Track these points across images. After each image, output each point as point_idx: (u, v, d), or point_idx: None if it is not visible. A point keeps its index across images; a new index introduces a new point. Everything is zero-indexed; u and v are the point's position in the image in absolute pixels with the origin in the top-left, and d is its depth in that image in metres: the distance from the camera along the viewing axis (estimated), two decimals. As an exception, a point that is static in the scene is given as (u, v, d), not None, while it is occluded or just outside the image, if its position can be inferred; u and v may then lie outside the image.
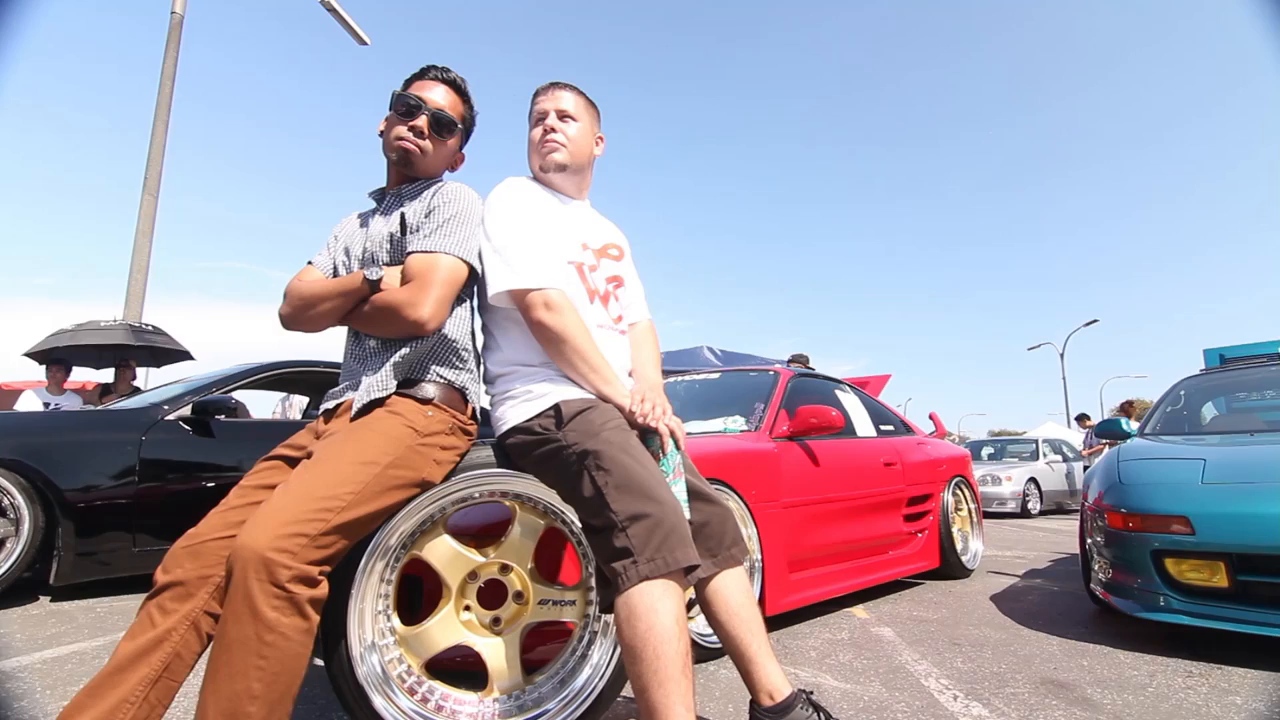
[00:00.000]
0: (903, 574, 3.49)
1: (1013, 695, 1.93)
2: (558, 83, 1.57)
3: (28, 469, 2.97)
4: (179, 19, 8.74)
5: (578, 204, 1.62)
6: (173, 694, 1.16)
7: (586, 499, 1.28)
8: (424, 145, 1.45)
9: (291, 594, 1.03)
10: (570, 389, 1.41)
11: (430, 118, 1.46)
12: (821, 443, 3.09)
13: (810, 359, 6.01)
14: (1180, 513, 2.41)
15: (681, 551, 1.19)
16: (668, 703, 1.12)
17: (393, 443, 1.25)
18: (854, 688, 1.99)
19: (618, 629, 1.19)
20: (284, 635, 1.03)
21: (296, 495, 1.11)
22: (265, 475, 1.34)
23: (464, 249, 1.39)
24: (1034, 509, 9.93)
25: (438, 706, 1.42)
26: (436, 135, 1.47)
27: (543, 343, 1.41)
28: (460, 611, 1.48)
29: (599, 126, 1.62)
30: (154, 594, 1.19)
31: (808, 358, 5.99)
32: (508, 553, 1.50)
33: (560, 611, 1.53)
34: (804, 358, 5.96)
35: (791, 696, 1.44)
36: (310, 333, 1.48)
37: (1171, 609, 2.40)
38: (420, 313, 1.31)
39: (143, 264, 8.07)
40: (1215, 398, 4.15)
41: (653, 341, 1.69)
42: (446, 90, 1.50)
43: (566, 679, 1.49)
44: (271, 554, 1.02)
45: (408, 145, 1.44)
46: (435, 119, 1.46)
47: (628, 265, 1.68)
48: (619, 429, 1.34)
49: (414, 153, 1.45)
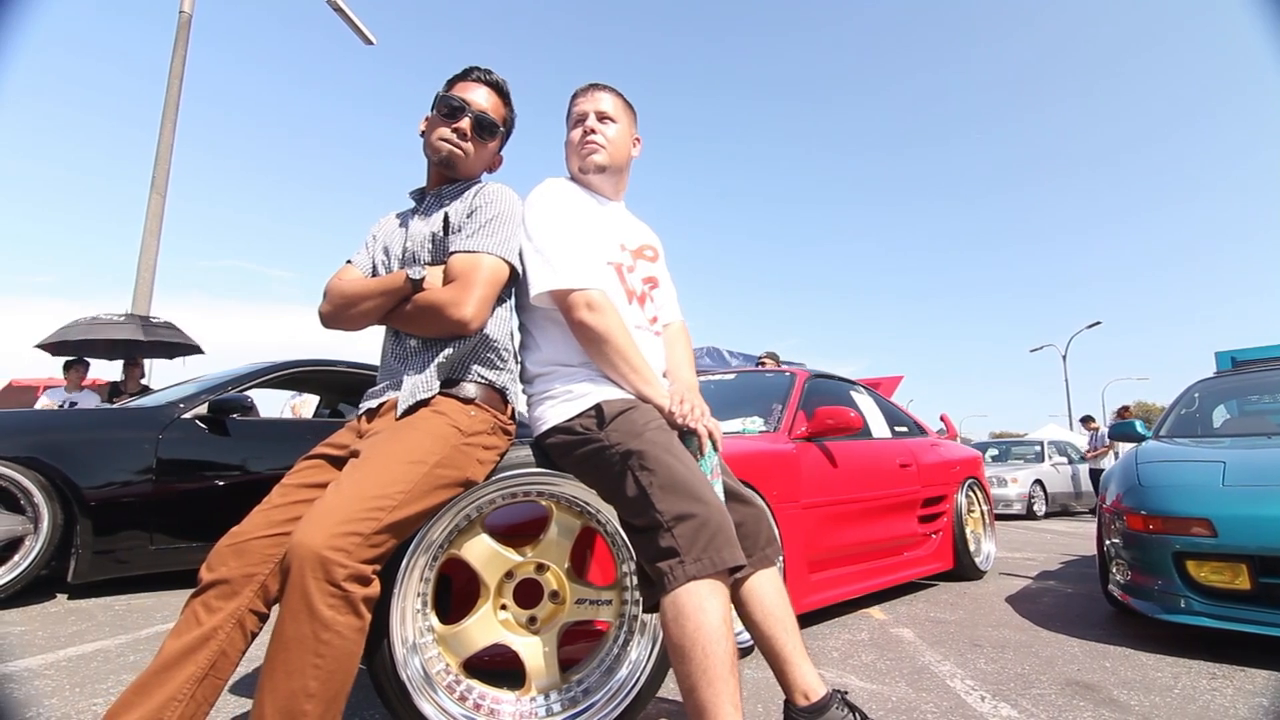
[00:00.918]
0: (918, 575, 3.50)
1: (1040, 696, 1.93)
2: (597, 84, 1.58)
3: (46, 467, 2.98)
4: (187, 18, 8.75)
5: (615, 205, 1.63)
6: (218, 692, 1.17)
7: (630, 499, 1.28)
8: (466, 147, 1.46)
9: (347, 592, 1.04)
10: (611, 389, 1.42)
11: (473, 120, 1.46)
12: (839, 444, 3.09)
13: (779, 357, 6.04)
14: (1202, 515, 2.42)
15: (728, 551, 1.20)
16: (717, 702, 1.12)
17: (439, 442, 1.25)
18: (880, 688, 1.99)
19: (664, 628, 1.19)
20: (339, 634, 1.03)
21: (349, 494, 1.11)
22: (307, 474, 1.34)
23: (506, 249, 1.40)
24: (1039, 511, 9.94)
25: (476, 705, 1.42)
26: (479, 137, 1.48)
27: (584, 343, 1.42)
28: (497, 611, 1.49)
29: (636, 128, 1.63)
30: (199, 592, 1.19)
31: (778, 355, 6.00)
32: (545, 552, 1.51)
33: (597, 611, 1.53)
34: (774, 355, 5.97)
35: (827, 696, 1.44)
36: (349, 331, 1.48)
37: (1193, 611, 2.40)
38: (464, 312, 1.32)
39: (150, 262, 8.08)
40: (1228, 400, 4.16)
41: (686, 343, 1.70)
42: (489, 92, 1.51)
43: (605, 676, 1.49)
44: (328, 552, 1.02)
45: (451, 147, 1.45)
46: (478, 121, 1.47)
47: (662, 267, 1.69)
48: (661, 429, 1.34)
49: (457, 154, 1.46)
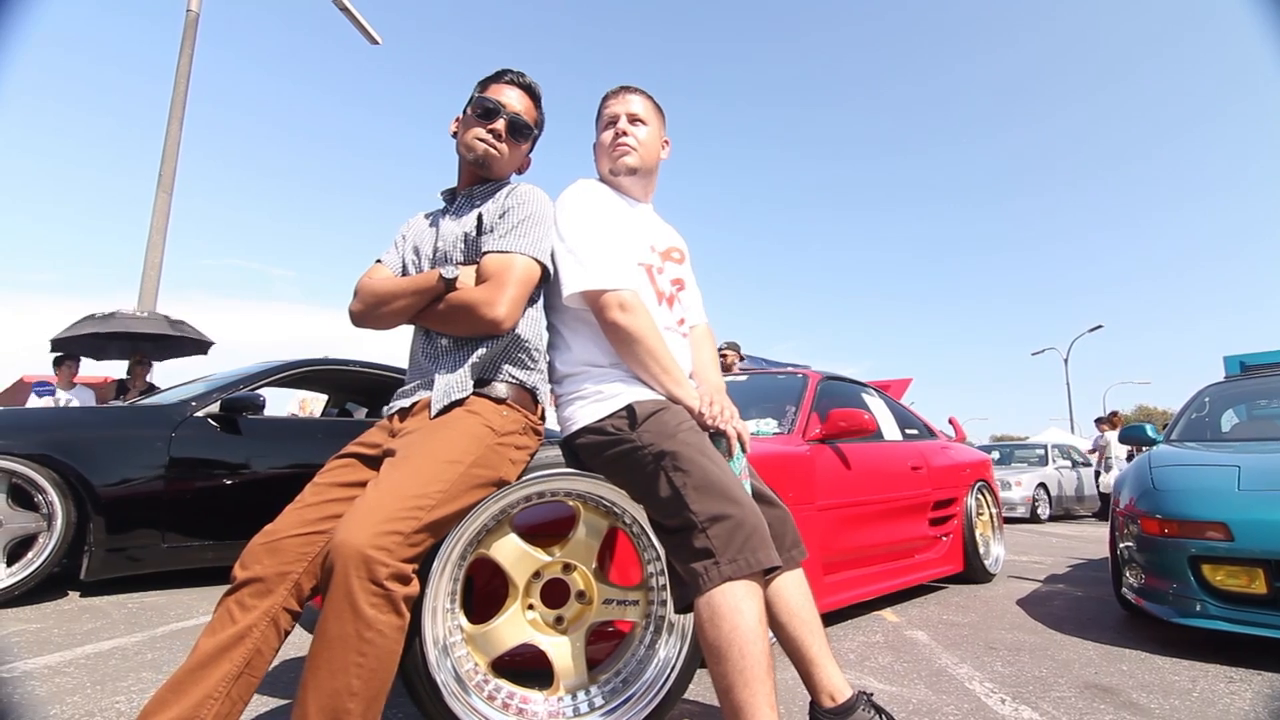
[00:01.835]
0: (929, 578, 3.50)
1: (1060, 699, 1.93)
2: (628, 86, 1.59)
3: (61, 464, 2.98)
4: (194, 17, 8.76)
5: (644, 207, 1.63)
6: (252, 690, 1.17)
7: (663, 499, 1.28)
8: (501, 148, 1.47)
9: (389, 591, 1.04)
10: (642, 390, 1.42)
11: (508, 121, 1.48)
12: (852, 446, 3.09)
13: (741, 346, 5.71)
14: (1218, 519, 2.42)
15: (764, 553, 1.20)
16: (754, 702, 1.13)
17: (474, 442, 1.26)
18: (900, 690, 1.99)
19: (699, 629, 1.19)
20: (381, 633, 1.04)
21: (389, 493, 1.12)
22: (340, 473, 1.35)
23: (538, 249, 1.40)
24: (1043, 514, 9.94)
25: (505, 704, 1.43)
26: (513, 139, 1.49)
27: (615, 343, 1.42)
28: (525, 610, 1.49)
29: (665, 130, 1.64)
30: (233, 590, 1.20)
31: (739, 346, 5.69)
32: (573, 552, 1.51)
33: (624, 611, 1.54)
34: (735, 346, 5.64)
35: (853, 698, 1.45)
36: (379, 329, 1.49)
37: (1209, 615, 2.40)
38: (497, 312, 1.32)
39: (156, 260, 8.08)
40: (1237, 405, 4.16)
41: (711, 344, 1.70)
42: (521, 94, 1.52)
43: (633, 676, 1.50)
44: (371, 551, 1.03)
45: (487, 147, 1.46)
46: (512, 123, 1.48)
47: (688, 269, 1.69)
48: (693, 430, 1.35)
49: (493, 154, 1.47)
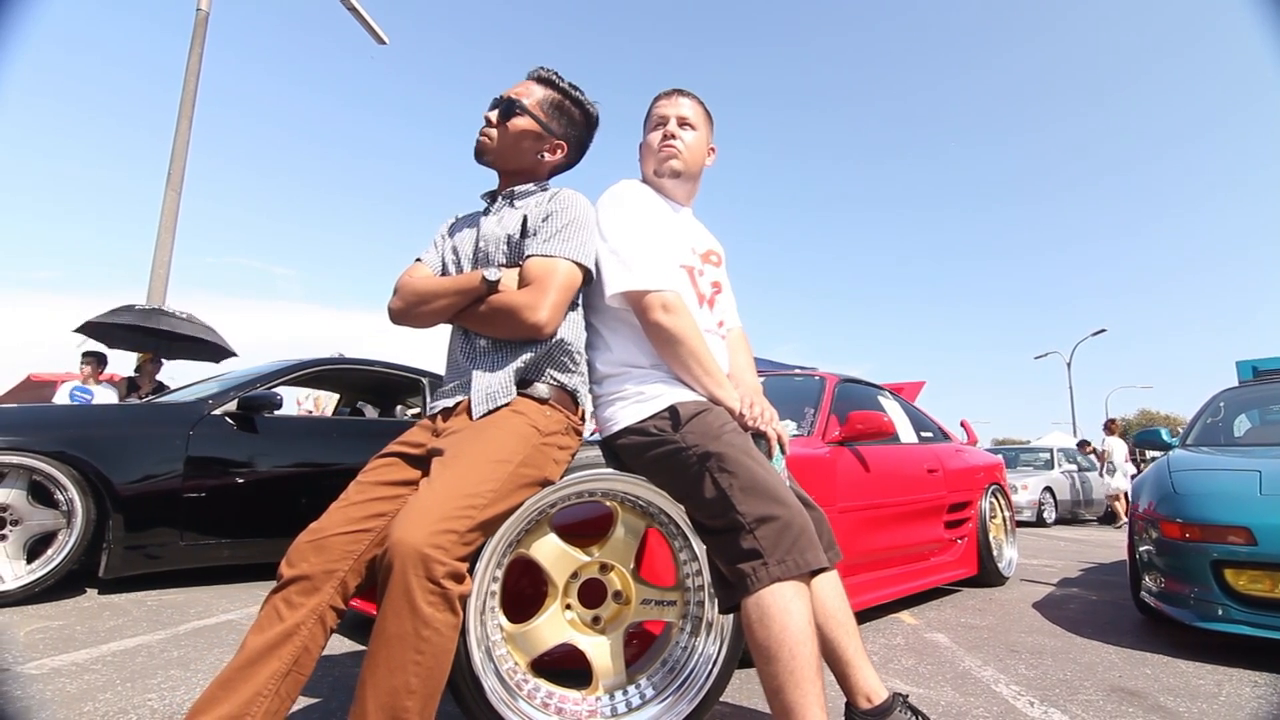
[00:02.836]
0: (944, 581, 3.51)
1: (1088, 702, 1.94)
2: (680, 90, 1.59)
3: (81, 461, 2.98)
4: (204, 16, 8.77)
5: (685, 211, 1.64)
6: (300, 687, 1.18)
7: (708, 500, 1.29)
8: (490, 133, 1.47)
9: (445, 589, 1.05)
10: (683, 391, 1.43)
11: (496, 105, 1.48)
12: (870, 449, 3.10)
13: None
14: (1241, 524, 2.42)
15: (812, 554, 1.21)
16: (805, 703, 1.13)
17: (521, 442, 1.26)
18: (927, 692, 2.00)
19: (748, 630, 1.20)
20: (438, 631, 1.04)
21: (442, 493, 1.12)
22: (384, 471, 1.35)
23: (581, 253, 1.40)
24: (1049, 518, 9.94)
25: (544, 703, 1.43)
26: (502, 121, 1.47)
27: (657, 344, 1.43)
28: (563, 610, 1.49)
29: (712, 137, 1.64)
30: (280, 587, 1.20)
31: None
32: (611, 552, 1.51)
33: (663, 611, 1.54)
34: None
35: (890, 699, 1.45)
36: (418, 328, 1.48)
37: (1231, 619, 2.41)
38: (539, 316, 1.32)
39: (165, 258, 8.08)
40: (1250, 410, 4.17)
41: (747, 347, 1.71)
42: (527, 83, 1.52)
43: (671, 675, 1.50)
44: (428, 550, 1.03)
45: (479, 137, 1.47)
46: (499, 106, 1.47)
47: (724, 272, 1.70)
48: (737, 432, 1.35)
49: (482, 142, 1.47)
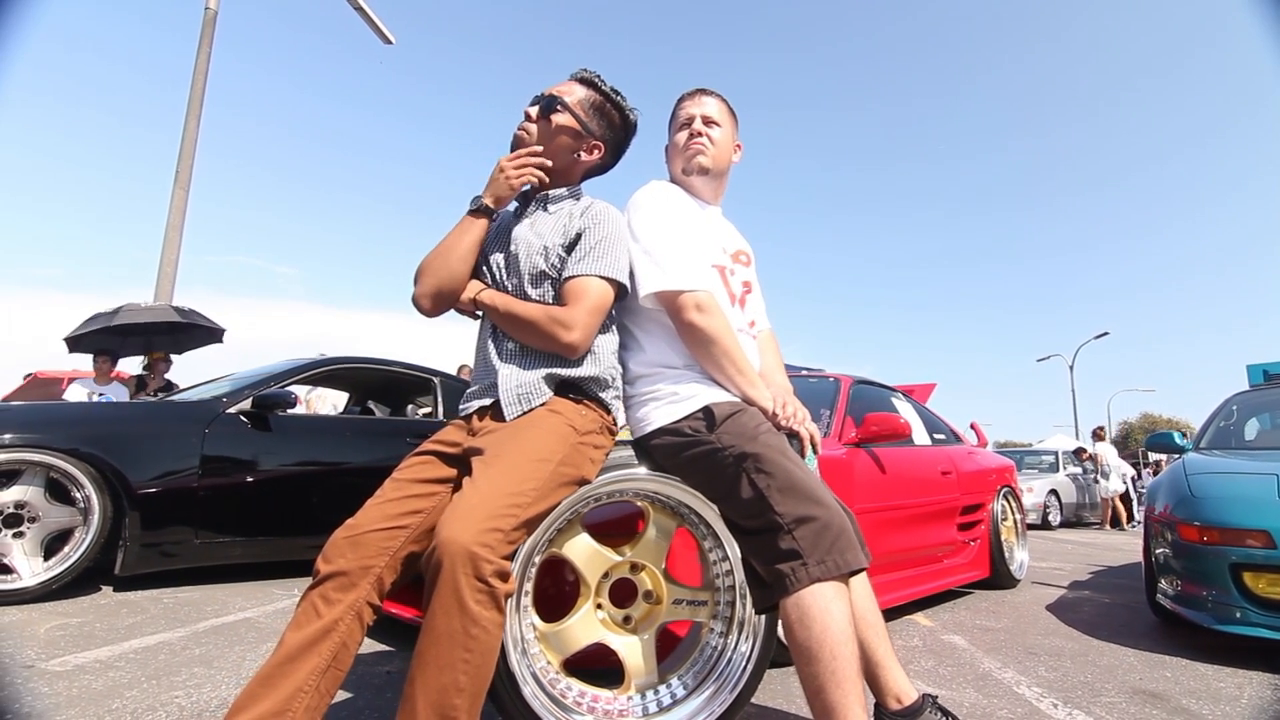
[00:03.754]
0: (958, 583, 3.51)
1: (1111, 704, 1.94)
2: (703, 89, 1.60)
3: (98, 459, 2.99)
4: (213, 15, 8.79)
5: (713, 209, 1.64)
6: (339, 683, 1.18)
7: (745, 501, 1.29)
8: (529, 127, 1.46)
9: (492, 588, 1.05)
10: (717, 391, 1.43)
11: (538, 101, 1.47)
12: (885, 450, 3.10)
13: None
14: (1260, 527, 2.43)
15: (852, 554, 1.21)
16: (846, 703, 1.13)
17: (560, 441, 1.26)
18: (950, 694, 2.00)
19: (788, 630, 1.20)
20: (485, 629, 1.05)
21: (486, 492, 1.12)
22: (419, 469, 1.35)
23: (615, 269, 1.39)
24: (1054, 521, 9.95)
25: (576, 702, 1.43)
26: (542, 116, 1.47)
27: (691, 344, 1.43)
28: (594, 610, 1.50)
29: (737, 134, 1.64)
30: (317, 584, 1.20)
31: None
32: (643, 552, 1.52)
33: (694, 611, 1.55)
34: None
35: (920, 700, 1.45)
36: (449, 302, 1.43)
37: (1250, 622, 2.41)
38: (572, 337, 1.32)
39: (172, 256, 8.10)
40: (1261, 414, 4.17)
41: (777, 348, 1.71)
42: (569, 83, 1.51)
43: (703, 675, 1.50)
44: (477, 548, 1.03)
45: (517, 131, 1.47)
46: (540, 102, 1.47)
47: (754, 272, 1.70)
48: (772, 432, 1.36)
49: (520, 136, 1.46)
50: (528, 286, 1.41)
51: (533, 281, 1.41)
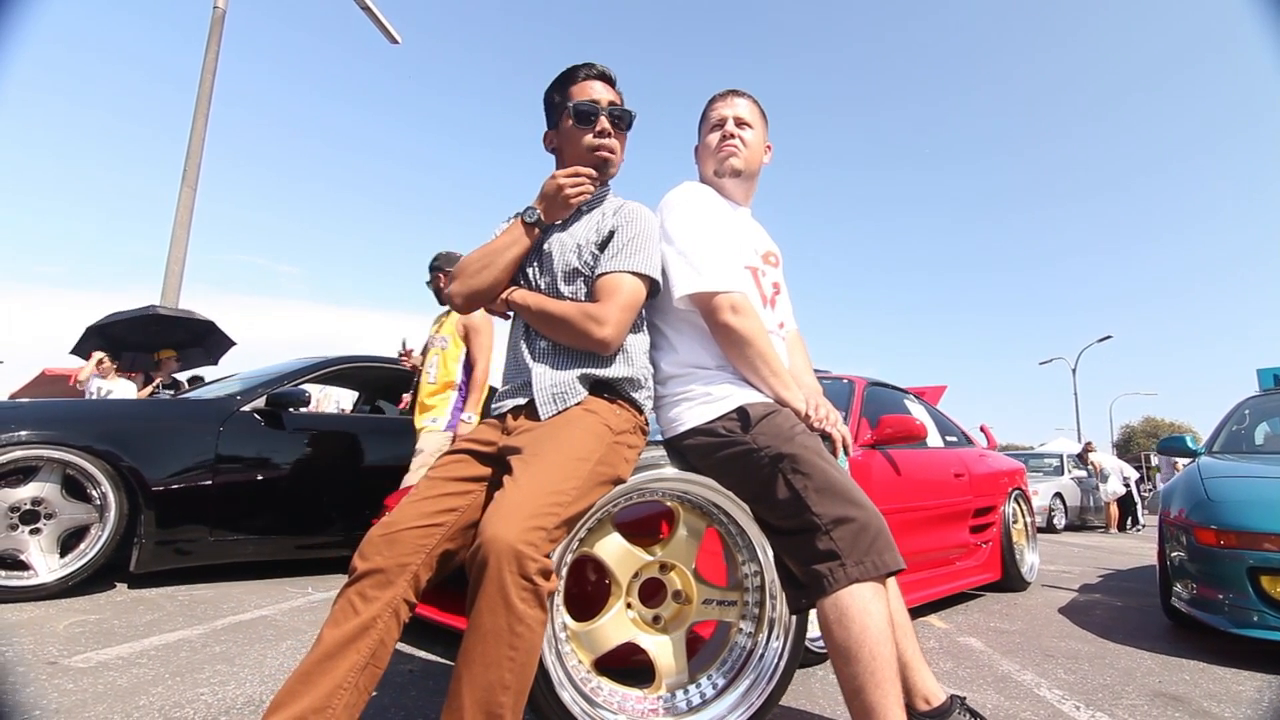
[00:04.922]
0: (970, 585, 3.51)
1: (1133, 707, 1.94)
2: (735, 90, 1.60)
3: (114, 457, 2.99)
4: (221, 14, 8.80)
5: (743, 210, 1.64)
6: (376, 680, 1.18)
7: (781, 501, 1.29)
8: (611, 144, 1.44)
9: (536, 586, 1.05)
10: (751, 392, 1.43)
11: (610, 117, 1.43)
12: (900, 452, 3.10)
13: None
14: (1279, 531, 2.43)
15: (890, 555, 1.21)
16: (886, 703, 1.14)
17: (597, 440, 1.27)
18: (972, 696, 2.00)
19: (825, 631, 1.20)
20: (530, 627, 1.05)
21: (529, 490, 1.12)
22: (454, 468, 1.35)
23: (647, 266, 1.39)
24: (1059, 524, 9.95)
25: (607, 701, 1.44)
26: (618, 130, 1.45)
27: (725, 345, 1.43)
28: (625, 609, 1.50)
29: (767, 135, 1.65)
30: (354, 581, 1.20)
31: None
32: (674, 552, 1.52)
33: (724, 611, 1.55)
34: None
35: (948, 701, 1.46)
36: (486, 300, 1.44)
37: (1268, 626, 2.41)
38: (605, 333, 1.33)
39: (180, 255, 8.11)
40: (1273, 418, 4.17)
41: (804, 349, 1.72)
42: (605, 86, 1.46)
43: (734, 675, 1.51)
44: (522, 546, 1.04)
45: (605, 153, 1.43)
46: (613, 116, 1.44)
47: (782, 273, 1.71)
48: (807, 433, 1.36)
49: (611, 157, 1.44)
50: (561, 284, 1.41)
51: (566, 279, 1.41)
